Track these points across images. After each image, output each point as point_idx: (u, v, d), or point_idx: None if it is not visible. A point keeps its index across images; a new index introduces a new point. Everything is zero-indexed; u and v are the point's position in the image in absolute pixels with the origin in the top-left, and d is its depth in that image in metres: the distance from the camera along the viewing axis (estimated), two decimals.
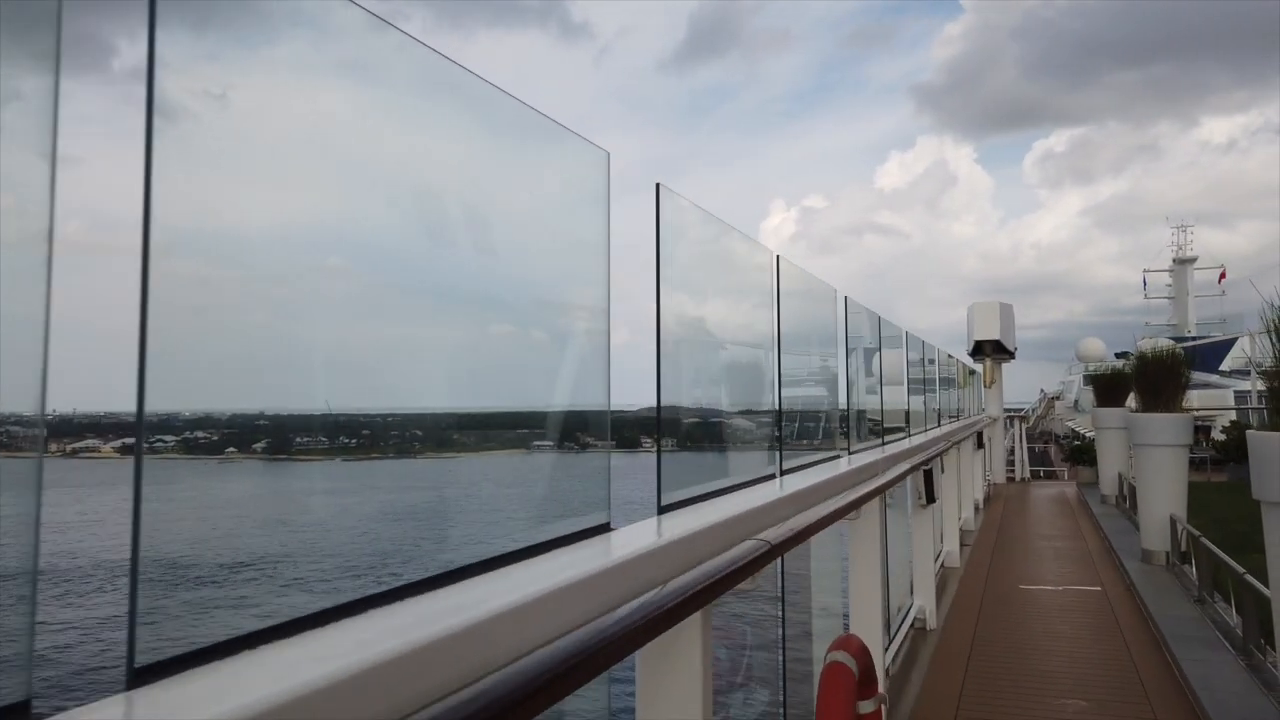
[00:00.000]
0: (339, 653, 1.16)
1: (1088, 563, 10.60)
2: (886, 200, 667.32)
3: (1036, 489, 19.98)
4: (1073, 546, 11.82)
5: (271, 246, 1.32)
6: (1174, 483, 9.92)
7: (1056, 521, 14.51)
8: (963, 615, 8.11)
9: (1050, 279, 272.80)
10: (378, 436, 2.24)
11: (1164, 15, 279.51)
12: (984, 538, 12.56)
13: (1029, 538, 12.77)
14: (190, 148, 1.14)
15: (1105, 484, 16.01)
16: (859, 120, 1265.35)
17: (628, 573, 1.86)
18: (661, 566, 1.99)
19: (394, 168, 1.64)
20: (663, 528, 2.22)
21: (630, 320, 2.81)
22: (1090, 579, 9.67)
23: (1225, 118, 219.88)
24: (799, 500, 3.11)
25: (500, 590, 1.51)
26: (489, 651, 1.34)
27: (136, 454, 1.04)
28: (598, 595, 1.71)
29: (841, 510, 3.45)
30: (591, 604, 1.67)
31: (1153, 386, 10.31)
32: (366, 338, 1.56)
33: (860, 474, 4.51)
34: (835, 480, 3.80)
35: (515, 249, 2.05)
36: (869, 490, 4.27)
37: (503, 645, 1.38)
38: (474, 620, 1.33)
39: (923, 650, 6.99)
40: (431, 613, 1.37)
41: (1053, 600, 8.80)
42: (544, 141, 2.07)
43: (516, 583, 1.59)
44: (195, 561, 12.36)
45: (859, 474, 4.45)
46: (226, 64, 1.25)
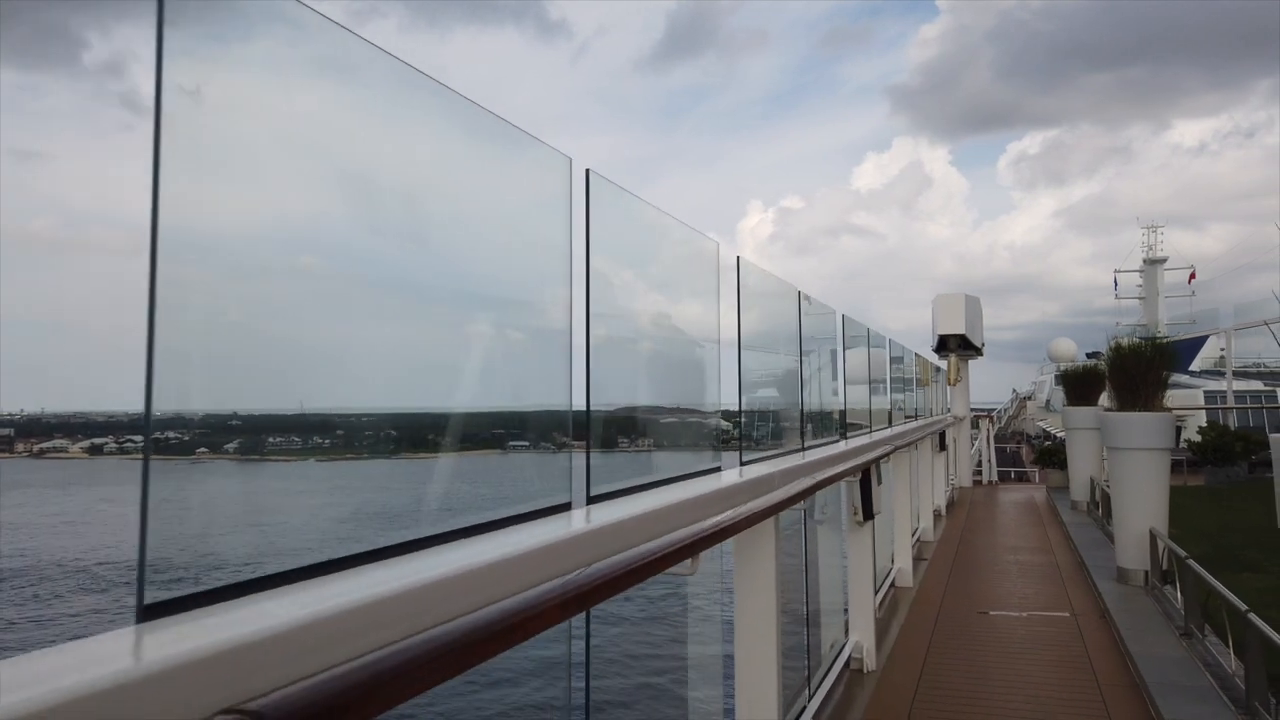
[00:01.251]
0: (336, 594, 1.35)
1: (1056, 582, 9.48)
2: (863, 201, 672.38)
3: (1004, 493, 18.83)
4: (1040, 562, 10.64)
5: (244, 245, 1.30)
6: (1154, 492, 8.68)
7: (1023, 531, 13.29)
8: (909, 652, 7.00)
9: (1024, 280, 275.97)
10: (352, 436, 2.22)
11: (1137, 18, 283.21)
12: (943, 551, 11.47)
13: (993, 551, 11.54)
14: (165, 143, 1.12)
15: (1076, 489, 14.86)
16: (836, 121, 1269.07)
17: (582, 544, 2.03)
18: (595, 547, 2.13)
19: (368, 167, 1.63)
20: (592, 516, 2.36)
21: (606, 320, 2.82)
22: (1059, 602, 8.57)
23: (1196, 121, 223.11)
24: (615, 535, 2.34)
25: (476, 552, 1.72)
26: (460, 600, 1.54)
27: (145, 439, 1.21)
28: (560, 560, 1.89)
29: (695, 545, 2.54)
30: (553, 569, 1.85)
31: (1130, 383, 8.98)
32: (340, 336, 1.55)
33: (751, 489, 3.58)
34: (703, 500, 2.87)
35: (485, 249, 2.04)
36: (753, 511, 3.29)
37: (478, 595, 1.59)
38: (445, 575, 1.53)
39: (858, 697, 5.95)
40: (409, 570, 1.55)
41: (1016, 630, 7.65)
42: (513, 146, 2.06)
43: (486, 549, 1.77)
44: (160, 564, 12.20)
45: (745, 490, 3.52)
46: (200, 60, 1.23)
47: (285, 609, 1.25)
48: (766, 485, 3.76)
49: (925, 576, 9.72)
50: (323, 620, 1.24)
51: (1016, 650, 7.09)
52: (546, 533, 2.00)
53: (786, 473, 4.03)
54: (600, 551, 2.08)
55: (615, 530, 2.22)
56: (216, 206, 1.25)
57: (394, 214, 1.72)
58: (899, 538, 9.46)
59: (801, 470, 4.25)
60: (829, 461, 4.92)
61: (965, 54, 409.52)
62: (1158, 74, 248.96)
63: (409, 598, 1.43)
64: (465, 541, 1.86)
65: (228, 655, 1.09)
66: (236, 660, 1.10)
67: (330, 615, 1.25)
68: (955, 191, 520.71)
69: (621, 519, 2.29)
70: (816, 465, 4.56)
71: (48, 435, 13.63)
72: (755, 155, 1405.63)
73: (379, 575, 1.51)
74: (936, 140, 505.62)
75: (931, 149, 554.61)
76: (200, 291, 1.22)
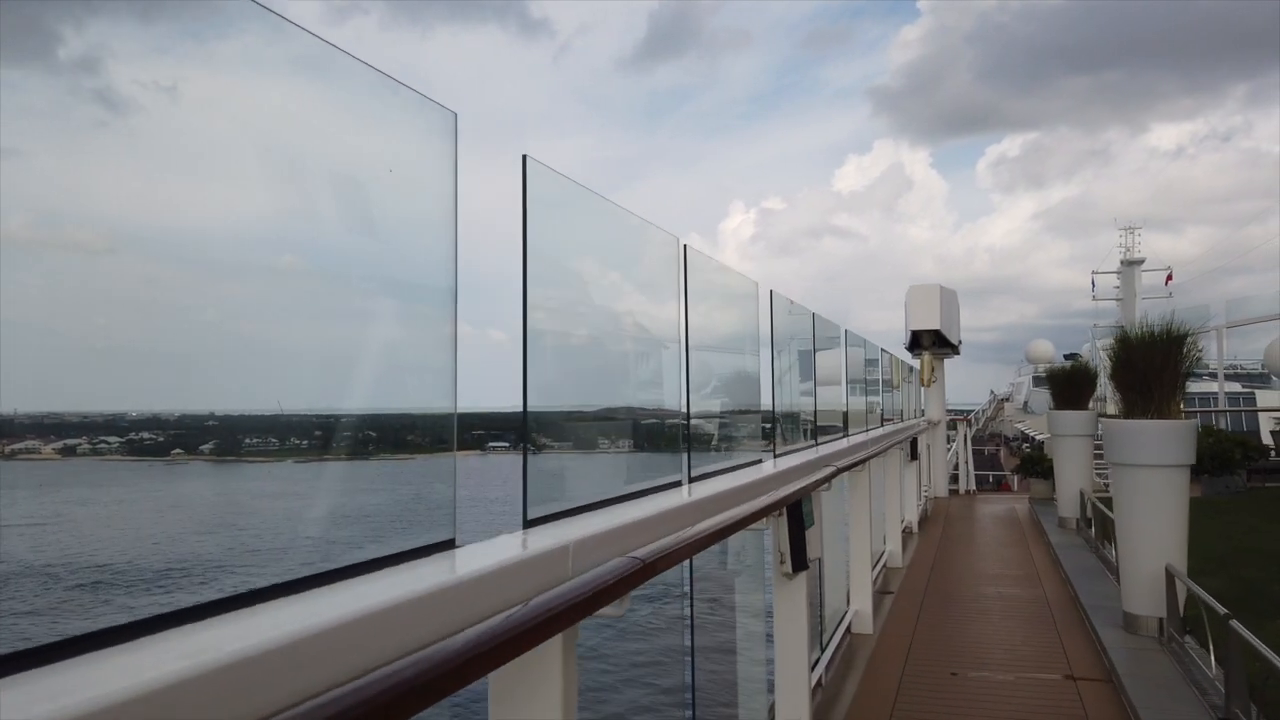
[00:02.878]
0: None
1: (1048, 626, 7.68)
2: (844, 203, 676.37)
3: (983, 504, 16.80)
4: (1028, 598, 8.80)
5: (222, 244, 1.29)
6: (1170, 519, 6.75)
7: (1005, 554, 11.38)
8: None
9: (1003, 282, 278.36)
10: (329, 437, 2.20)
11: (1115, 22, 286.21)
12: (913, 581, 9.54)
13: (971, 580, 9.65)
14: (139, 141, 1.11)
15: (1064, 503, 12.89)
16: (817, 123, 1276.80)
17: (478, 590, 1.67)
18: (522, 584, 1.81)
19: (348, 166, 1.62)
20: (529, 541, 2.03)
21: (586, 321, 2.81)
22: (1053, 658, 6.80)
23: (1173, 125, 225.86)
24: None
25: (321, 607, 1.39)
26: (300, 677, 1.22)
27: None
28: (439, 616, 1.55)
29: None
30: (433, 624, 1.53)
31: (1139, 382, 7.02)
32: (320, 336, 1.54)
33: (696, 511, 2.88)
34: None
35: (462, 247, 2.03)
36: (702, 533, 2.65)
37: (326, 668, 1.27)
38: (276, 643, 1.19)
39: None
40: (223, 638, 1.23)
41: (1000, 700, 5.97)
42: (494, 148, 2.06)
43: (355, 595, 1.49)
44: (122, 565, 12.10)
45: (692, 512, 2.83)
46: (177, 57, 1.22)
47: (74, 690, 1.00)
48: (715, 506, 3.11)
49: (889, 617, 8.04)
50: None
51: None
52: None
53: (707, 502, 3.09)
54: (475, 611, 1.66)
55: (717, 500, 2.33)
56: (194, 205, 1.24)
57: (375, 213, 1.70)
58: (857, 572, 7.68)
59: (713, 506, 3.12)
60: (742, 494, 3.47)
61: (946, 56, 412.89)
62: (1135, 78, 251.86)
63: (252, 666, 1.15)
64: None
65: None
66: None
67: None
68: (935, 194, 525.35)
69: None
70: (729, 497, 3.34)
71: (20, 436, 13.30)
72: (737, 156, 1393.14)
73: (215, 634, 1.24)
74: (917, 142, 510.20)
75: (912, 151, 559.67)
76: (176, 290, 1.21)
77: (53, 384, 1.00)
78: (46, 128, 0.97)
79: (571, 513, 2.40)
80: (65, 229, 0.97)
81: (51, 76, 1.00)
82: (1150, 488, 6.88)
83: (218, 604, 1.30)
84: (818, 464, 4.96)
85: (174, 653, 1.15)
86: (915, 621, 7.86)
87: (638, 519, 2.43)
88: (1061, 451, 13.24)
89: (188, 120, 1.20)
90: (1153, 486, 6.86)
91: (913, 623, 7.84)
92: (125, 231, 1.09)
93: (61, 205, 0.97)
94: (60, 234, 0.98)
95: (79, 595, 11.27)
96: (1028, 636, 7.42)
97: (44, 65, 0.99)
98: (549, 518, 2.26)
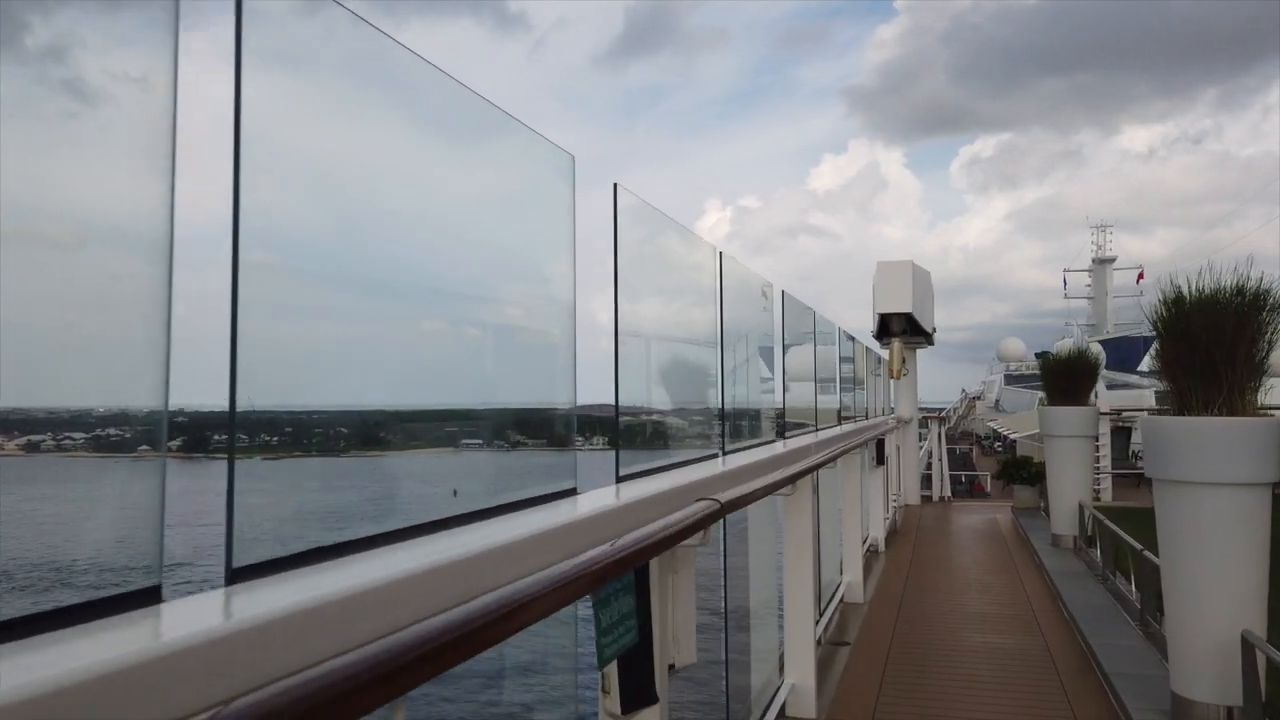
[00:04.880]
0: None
1: (1056, 702, 5.60)
2: (820, 202, 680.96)
3: (960, 514, 14.82)
4: (1025, 652, 6.58)
5: (193, 239, 1.27)
6: (1248, 562, 4.69)
7: (991, 583, 9.03)
8: None
9: (976, 282, 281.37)
10: (301, 434, 2.19)
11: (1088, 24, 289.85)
12: (875, 626, 7.31)
13: (950, 626, 7.37)
14: (109, 133, 1.09)
15: (1058, 517, 10.75)
16: (793, 122, 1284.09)
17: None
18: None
19: (324, 160, 1.61)
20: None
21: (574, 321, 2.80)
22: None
23: (1145, 127, 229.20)
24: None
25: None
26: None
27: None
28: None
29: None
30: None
31: (1205, 361, 4.86)
32: (292, 333, 1.52)
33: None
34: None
35: (453, 246, 2.02)
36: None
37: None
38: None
39: None
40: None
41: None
42: (496, 135, 2.04)
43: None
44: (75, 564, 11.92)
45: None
46: (147, 49, 1.20)
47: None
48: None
49: (843, 687, 5.90)
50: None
51: None
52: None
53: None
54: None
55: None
56: (165, 199, 1.22)
57: (351, 208, 1.69)
58: (794, 633, 5.42)
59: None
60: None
61: (921, 56, 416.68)
62: (1108, 80, 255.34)
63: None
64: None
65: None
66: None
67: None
68: (909, 193, 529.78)
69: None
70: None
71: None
72: (714, 155, 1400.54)
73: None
74: (892, 143, 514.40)
75: (887, 151, 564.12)
76: (144, 286, 1.19)
77: (17, 379, 0.98)
78: (13, 118, 0.95)
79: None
80: (32, 222, 0.95)
81: (19, 66, 0.98)
82: (1218, 516, 4.67)
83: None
84: (684, 494, 2.84)
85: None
86: (878, 691, 5.77)
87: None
88: (1056, 455, 10.92)
89: (158, 112, 1.18)
90: (1222, 514, 4.68)
91: (873, 695, 5.70)
92: (94, 225, 1.07)
93: (29, 198, 0.95)
94: (27, 227, 0.96)
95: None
96: (1033, 714, 5.46)
97: (12, 55, 0.97)
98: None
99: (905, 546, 11.42)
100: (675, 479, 2.96)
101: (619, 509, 2.33)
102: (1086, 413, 10.76)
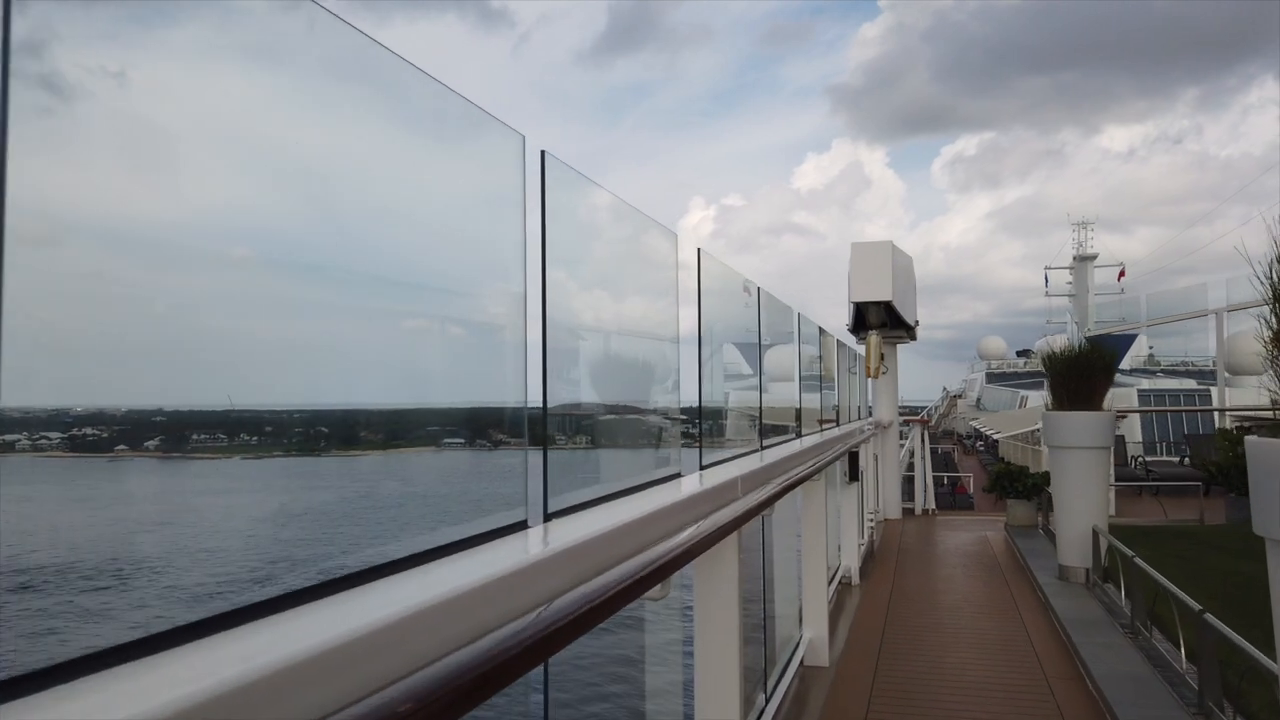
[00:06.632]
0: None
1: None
2: (803, 201, 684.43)
3: (947, 531, 13.05)
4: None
5: (173, 236, 1.26)
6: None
7: (989, 630, 7.31)
8: None
9: (958, 281, 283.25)
10: (280, 433, 2.18)
11: (1070, 24, 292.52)
12: (842, 711, 5.51)
13: (943, 705, 5.61)
14: (85, 129, 1.08)
15: (1066, 546, 8.74)
16: (777, 120, 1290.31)
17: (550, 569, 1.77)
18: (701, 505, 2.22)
19: (305, 156, 1.59)
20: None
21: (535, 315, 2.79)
22: None
23: (1125, 127, 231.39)
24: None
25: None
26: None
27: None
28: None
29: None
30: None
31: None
32: (273, 331, 1.51)
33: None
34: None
35: (429, 241, 2.01)
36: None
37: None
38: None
39: None
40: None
41: None
42: (464, 127, 2.03)
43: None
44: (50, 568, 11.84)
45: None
46: (124, 43, 1.18)
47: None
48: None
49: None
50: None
51: None
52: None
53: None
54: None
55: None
56: (143, 195, 1.21)
57: (329, 204, 1.68)
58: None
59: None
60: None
61: (904, 55, 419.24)
62: (1090, 79, 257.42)
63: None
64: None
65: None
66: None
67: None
68: (892, 193, 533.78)
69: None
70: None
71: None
72: (697, 153, 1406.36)
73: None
74: (874, 142, 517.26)
75: (870, 150, 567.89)
76: (122, 283, 1.18)
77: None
78: None
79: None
80: (6, 218, 0.94)
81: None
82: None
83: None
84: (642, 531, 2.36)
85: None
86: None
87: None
88: (1065, 470, 8.82)
89: (136, 107, 1.17)
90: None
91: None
92: (70, 222, 1.05)
93: (5, 194, 0.94)
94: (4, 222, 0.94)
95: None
96: None
97: None
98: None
99: (884, 576, 9.56)
100: (628, 510, 2.38)
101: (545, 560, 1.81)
102: (1101, 420, 8.67)
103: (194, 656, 1.09)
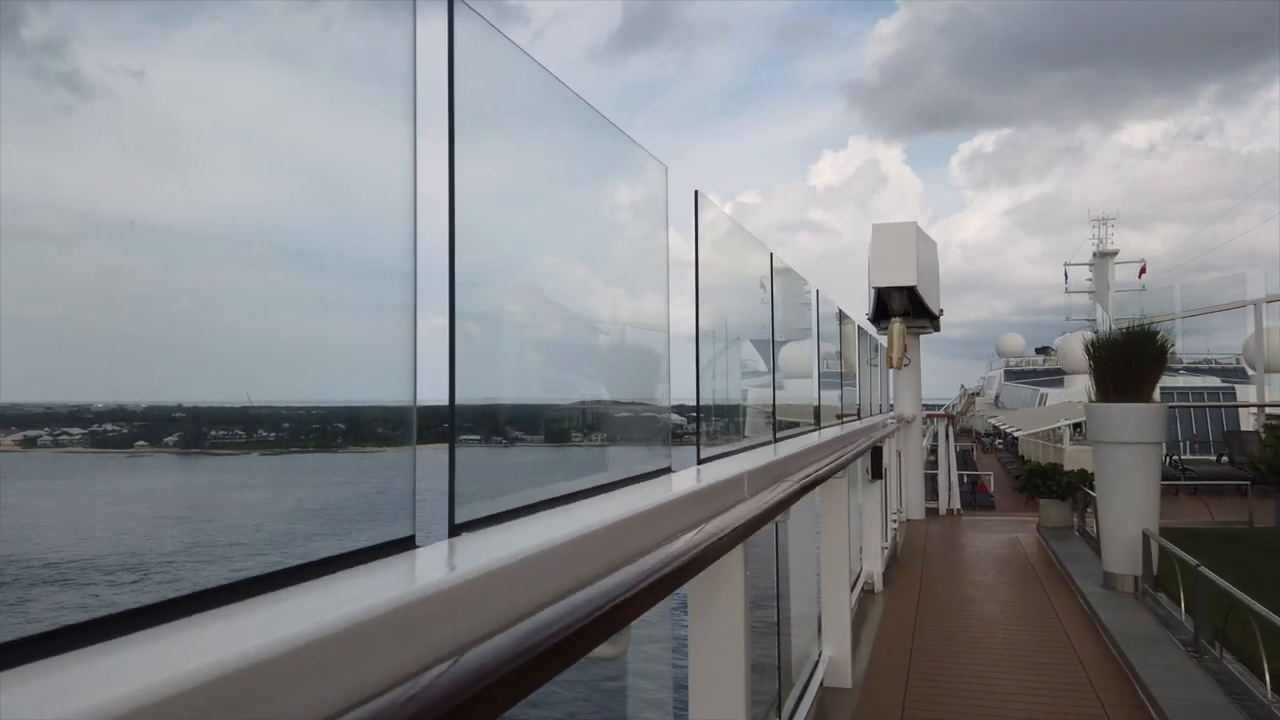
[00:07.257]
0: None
1: None
2: (820, 198, 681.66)
3: (973, 532, 12.12)
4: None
5: (193, 234, 1.27)
6: None
7: (1030, 647, 6.52)
8: None
9: (976, 278, 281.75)
10: (298, 430, 2.19)
11: (1087, 19, 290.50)
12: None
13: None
14: (107, 128, 1.09)
15: (1112, 551, 7.90)
16: (792, 118, 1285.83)
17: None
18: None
19: (323, 156, 1.60)
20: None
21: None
22: None
23: (1145, 123, 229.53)
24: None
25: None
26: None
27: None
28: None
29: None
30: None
31: None
32: (291, 329, 1.52)
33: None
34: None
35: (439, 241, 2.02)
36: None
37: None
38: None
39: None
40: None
41: None
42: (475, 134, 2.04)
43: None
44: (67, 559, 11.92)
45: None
46: (145, 42, 1.20)
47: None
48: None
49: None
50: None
51: None
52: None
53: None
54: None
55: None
56: (162, 194, 1.22)
57: (350, 204, 1.69)
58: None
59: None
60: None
61: (921, 51, 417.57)
62: (1109, 75, 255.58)
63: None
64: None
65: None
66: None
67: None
68: (909, 190, 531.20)
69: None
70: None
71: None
72: (712, 149, 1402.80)
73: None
74: (891, 139, 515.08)
75: (887, 147, 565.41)
76: (144, 281, 1.19)
77: (14, 375, 0.98)
78: (10, 111, 0.94)
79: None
80: (29, 217, 0.95)
81: (16, 58, 0.98)
82: None
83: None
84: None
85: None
86: None
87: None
88: (1112, 468, 7.92)
89: (156, 106, 1.18)
90: None
91: None
92: (91, 219, 1.06)
93: (25, 192, 0.95)
94: (23, 222, 0.95)
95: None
96: None
97: (8, 46, 0.96)
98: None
99: (909, 583, 8.74)
100: (586, 517, 1.79)
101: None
102: (1153, 412, 7.77)
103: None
